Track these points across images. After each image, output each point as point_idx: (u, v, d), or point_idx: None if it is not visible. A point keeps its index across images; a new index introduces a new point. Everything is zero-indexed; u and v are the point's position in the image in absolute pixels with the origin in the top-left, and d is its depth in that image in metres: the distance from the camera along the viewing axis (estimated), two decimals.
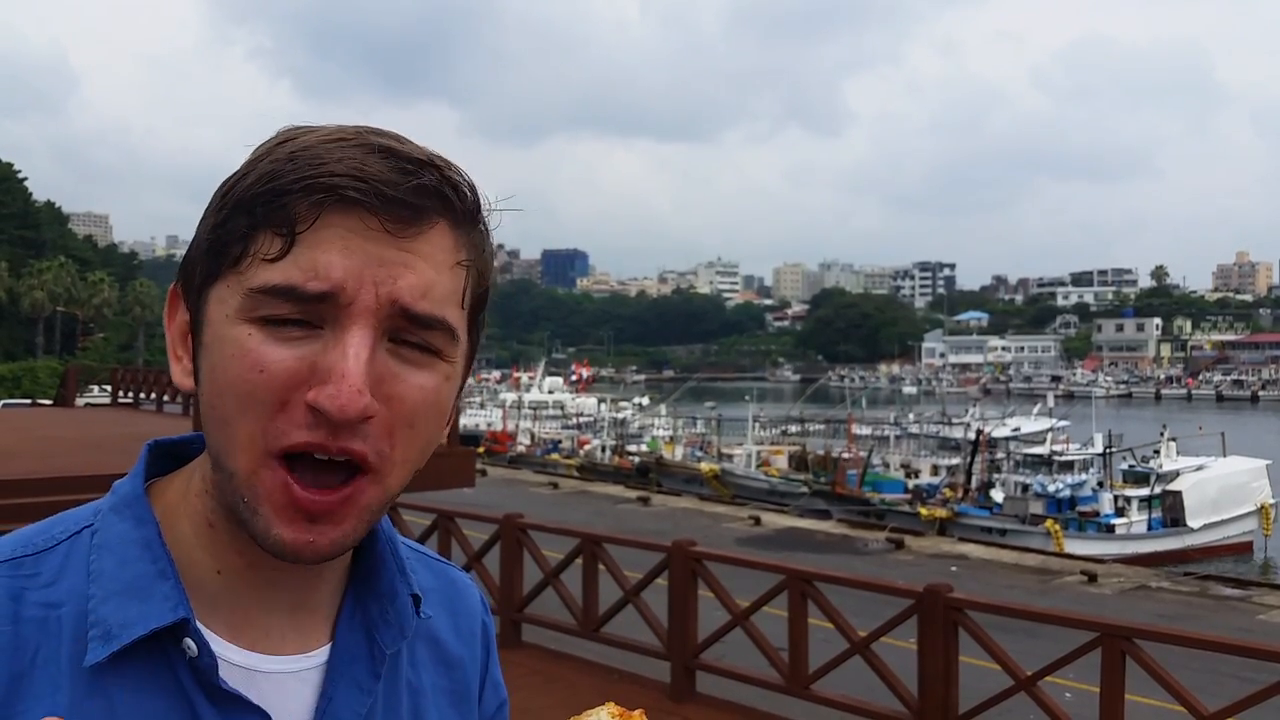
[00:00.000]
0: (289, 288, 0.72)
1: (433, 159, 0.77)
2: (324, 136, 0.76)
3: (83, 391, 29.63)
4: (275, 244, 0.73)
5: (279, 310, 0.73)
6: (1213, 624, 14.24)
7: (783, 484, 33.57)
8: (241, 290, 0.74)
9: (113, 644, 0.74)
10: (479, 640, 0.98)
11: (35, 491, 7.85)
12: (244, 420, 0.73)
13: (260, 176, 0.75)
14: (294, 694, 0.81)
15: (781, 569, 7.78)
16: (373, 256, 0.73)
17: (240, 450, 0.74)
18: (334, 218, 0.73)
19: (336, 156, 0.74)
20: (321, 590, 0.85)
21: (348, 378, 0.72)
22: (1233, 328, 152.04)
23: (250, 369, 0.73)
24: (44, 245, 75.36)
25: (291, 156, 0.75)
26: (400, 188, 0.74)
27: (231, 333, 0.74)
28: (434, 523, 10.30)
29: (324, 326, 0.73)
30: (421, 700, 0.90)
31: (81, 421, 16.57)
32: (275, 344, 0.73)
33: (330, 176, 0.73)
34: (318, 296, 0.72)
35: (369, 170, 0.73)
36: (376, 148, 0.75)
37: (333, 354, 0.72)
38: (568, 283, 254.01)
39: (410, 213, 0.75)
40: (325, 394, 0.71)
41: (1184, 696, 5.61)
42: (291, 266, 0.73)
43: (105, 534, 0.79)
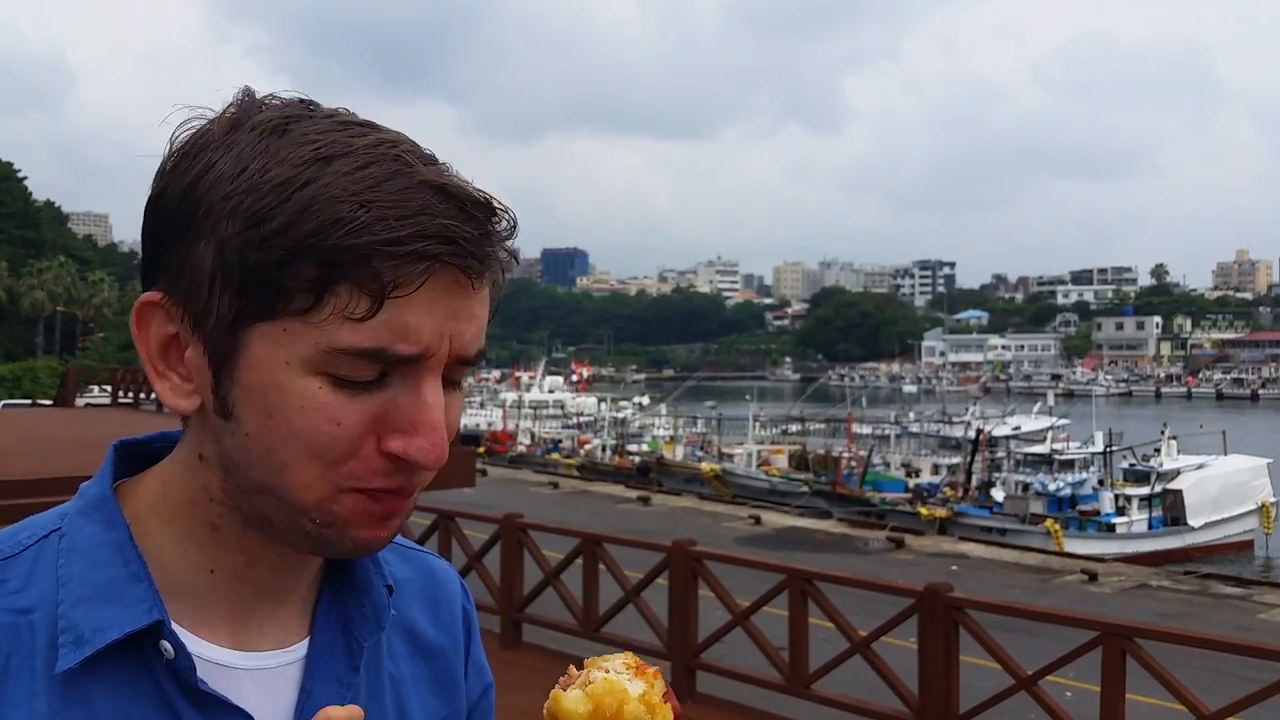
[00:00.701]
0: (378, 350, 0.71)
1: (489, 200, 0.75)
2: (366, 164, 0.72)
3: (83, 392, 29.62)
4: (362, 304, 0.70)
5: (359, 371, 0.72)
6: (1213, 623, 14.24)
7: (783, 483, 33.57)
8: (315, 345, 0.71)
9: (85, 649, 0.73)
10: (460, 626, 0.98)
11: (35, 492, 7.84)
12: (311, 466, 0.73)
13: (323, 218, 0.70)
14: (275, 690, 0.81)
15: (782, 568, 7.78)
16: (450, 312, 0.74)
17: (307, 490, 0.74)
18: (420, 275, 0.71)
19: (414, 207, 0.71)
20: (303, 581, 0.85)
21: (439, 431, 0.74)
22: (1233, 326, 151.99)
23: (324, 422, 0.72)
24: (44, 245, 75.43)
25: (355, 199, 0.70)
26: (480, 241, 0.73)
27: (296, 384, 0.72)
28: (434, 522, 10.30)
29: (391, 375, 0.73)
30: (403, 691, 0.90)
31: (82, 422, 16.57)
32: (347, 397, 0.72)
33: (425, 239, 0.70)
34: (407, 359, 0.72)
35: (458, 228, 0.72)
36: (438, 188, 0.72)
37: (413, 407, 0.73)
38: (567, 282, 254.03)
39: (485, 267, 0.75)
40: (417, 447, 0.73)
41: (1185, 695, 5.61)
42: (382, 329, 0.71)
43: (73, 537, 0.78)
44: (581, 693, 0.73)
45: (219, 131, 0.75)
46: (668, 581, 8.18)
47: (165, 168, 0.76)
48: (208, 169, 0.74)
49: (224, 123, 0.76)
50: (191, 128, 0.77)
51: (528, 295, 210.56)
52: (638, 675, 0.75)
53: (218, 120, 0.76)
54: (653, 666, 0.76)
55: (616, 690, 0.72)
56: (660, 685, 0.75)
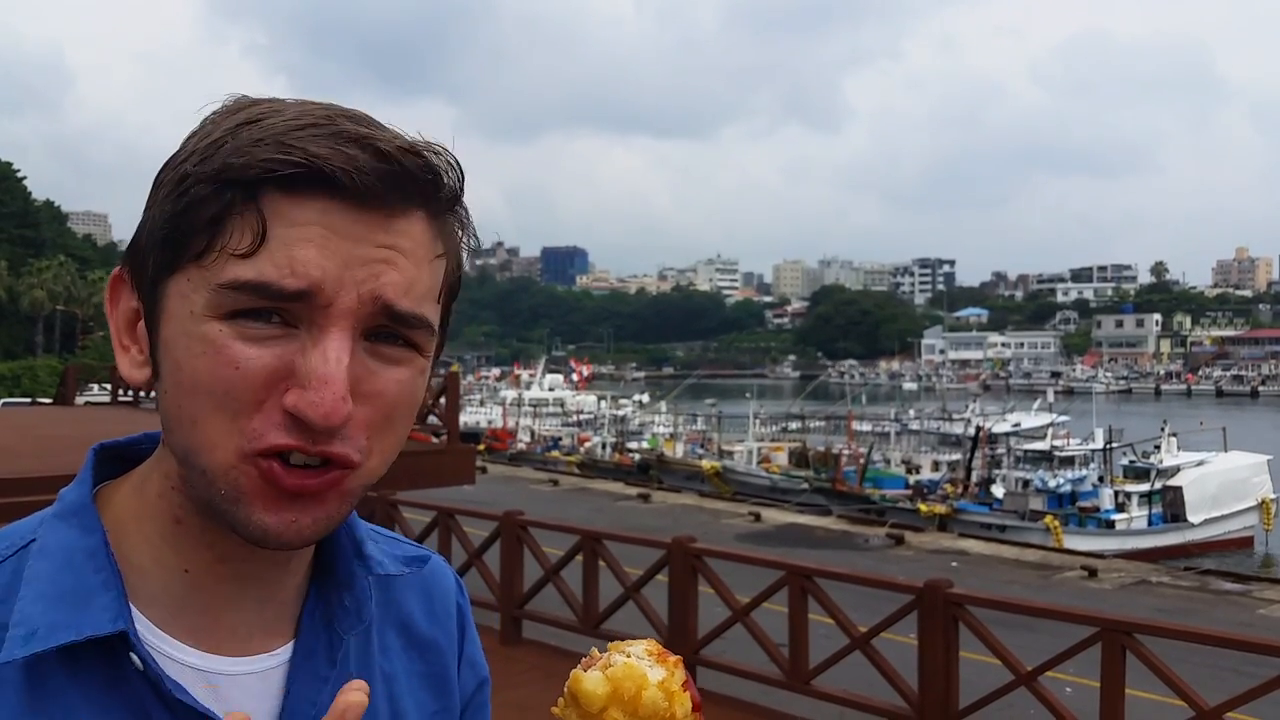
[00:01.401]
0: (263, 284, 0.69)
1: (413, 145, 0.73)
2: (292, 120, 0.71)
3: (82, 390, 29.60)
4: (246, 238, 0.69)
5: (249, 304, 0.70)
6: (1213, 619, 14.25)
7: (784, 480, 33.58)
8: (208, 286, 0.70)
9: (34, 645, 0.71)
10: (454, 621, 0.97)
11: (35, 490, 7.85)
12: (216, 419, 0.70)
13: (224, 161, 0.70)
14: (258, 694, 0.80)
15: (782, 565, 7.79)
16: (353, 255, 0.70)
17: (214, 448, 0.71)
18: (311, 211, 0.70)
19: (312, 145, 0.69)
20: (288, 583, 0.83)
21: (330, 384, 0.69)
22: (1232, 323, 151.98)
23: (223, 366, 0.70)
24: (43, 244, 75.32)
25: (258, 141, 0.70)
26: (382, 177, 0.70)
27: (199, 329, 0.70)
28: (434, 520, 10.32)
29: (299, 325, 0.71)
30: (395, 686, 0.89)
31: (81, 420, 16.57)
32: (249, 342, 0.70)
33: (306, 164, 0.69)
34: (294, 295, 0.69)
35: (348, 158, 0.69)
36: (352, 135, 0.70)
37: (312, 357, 0.70)
38: (567, 280, 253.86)
39: (391, 204, 0.72)
40: (307, 400, 0.69)
41: (1184, 691, 5.62)
42: (265, 262, 0.69)
43: (46, 540, 0.76)
44: (602, 675, 0.72)
45: (197, 127, 0.76)
46: (668, 578, 8.19)
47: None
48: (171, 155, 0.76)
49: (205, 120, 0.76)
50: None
51: (528, 294, 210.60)
52: (659, 662, 0.74)
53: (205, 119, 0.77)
54: (675, 655, 0.76)
55: (636, 675, 0.72)
56: (680, 674, 0.74)
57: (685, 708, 0.74)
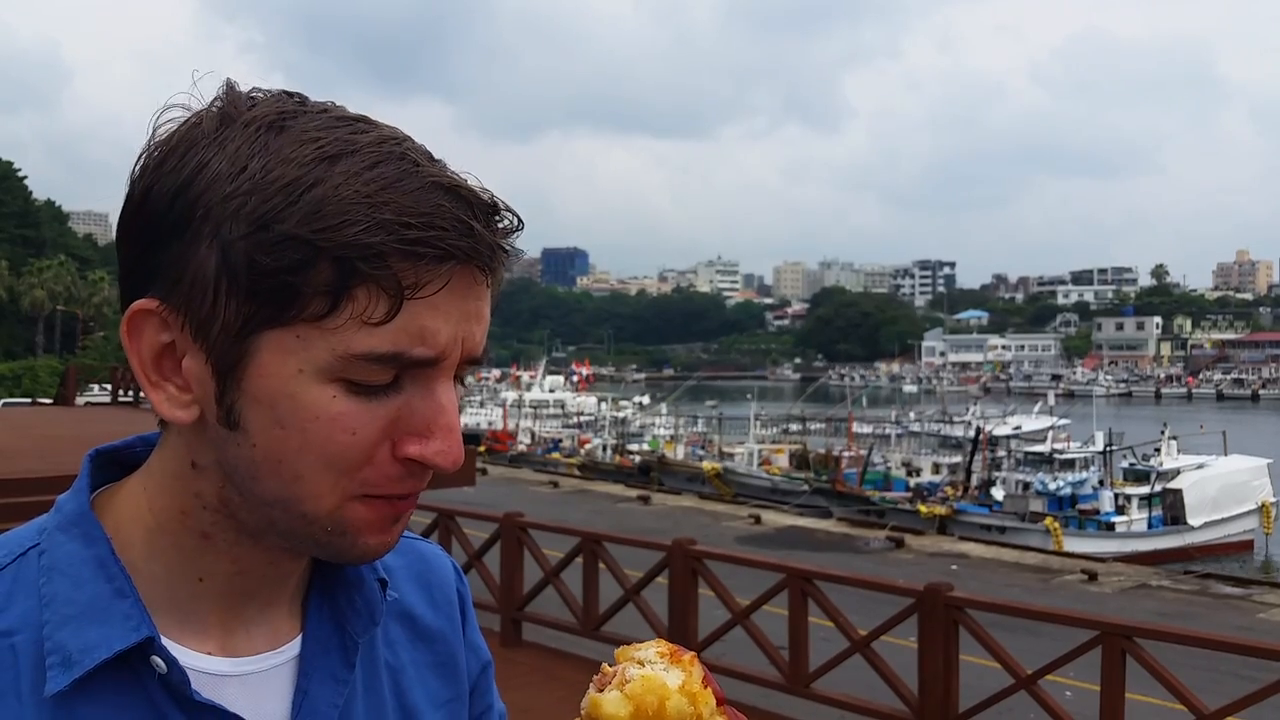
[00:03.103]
0: (397, 355, 0.69)
1: (495, 201, 0.74)
2: (373, 162, 0.69)
3: (83, 390, 29.65)
4: (381, 307, 0.68)
5: (375, 376, 0.70)
6: (1213, 622, 14.24)
7: (784, 482, 33.65)
8: (331, 351, 0.69)
9: (74, 670, 0.71)
10: (455, 608, 0.97)
11: (36, 490, 7.84)
12: (327, 475, 0.72)
13: (337, 218, 0.67)
14: (268, 693, 0.80)
15: (782, 567, 7.78)
16: (464, 314, 0.72)
17: (320, 499, 0.72)
18: (438, 279, 0.70)
19: (429, 205, 0.69)
20: (292, 582, 0.84)
21: (454, 431, 0.73)
22: (1233, 326, 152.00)
23: (340, 432, 0.70)
24: (44, 244, 75.38)
25: (369, 200, 0.68)
26: (494, 246, 0.72)
27: (311, 393, 0.70)
28: (434, 521, 10.31)
29: (404, 378, 0.72)
30: (402, 678, 0.89)
31: (82, 420, 16.57)
32: (362, 405, 0.71)
33: (444, 239, 0.69)
34: (422, 363, 0.71)
35: (474, 227, 0.70)
36: (448, 189, 0.71)
37: (428, 410, 0.73)
38: (567, 281, 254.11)
39: (495, 266, 0.74)
40: (434, 449, 0.73)
41: (1184, 695, 5.61)
42: (399, 332, 0.69)
43: (54, 555, 0.75)
44: (620, 694, 0.69)
45: (208, 127, 0.71)
46: (668, 580, 8.18)
47: (150, 164, 0.72)
48: (201, 167, 0.70)
49: (212, 118, 0.72)
50: (173, 121, 0.73)
51: (528, 295, 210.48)
52: (673, 663, 0.71)
53: (205, 115, 0.72)
54: (689, 653, 0.73)
55: (656, 687, 0.69)
56: (699, 670, 0.72)
57: (710, 705, 0.71)
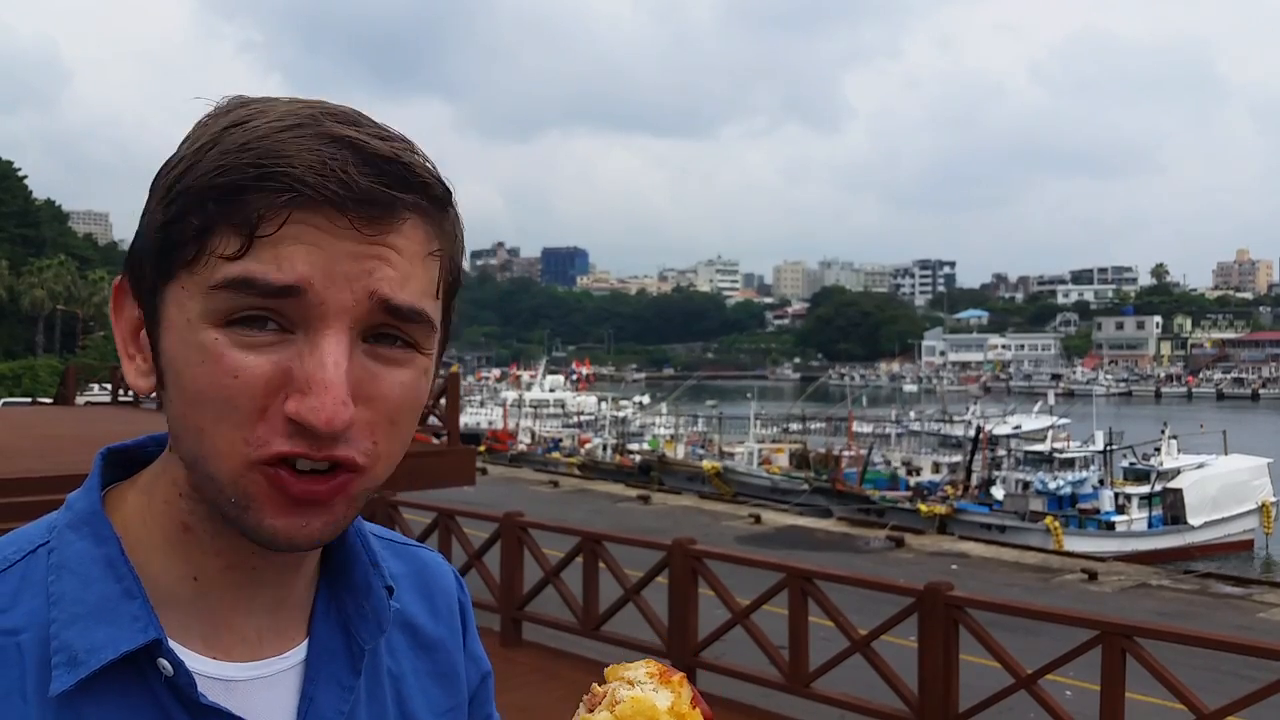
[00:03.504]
0: (248, 278, 0.68)
1: (398, 153, 0.72)
2: (277, 122, 0.71)
3: (83, 390, 29.62)
4: (234, 242, 0.69)
5: (241, 304, 0.69)
6: (1213, 622, 14.25)
7: (784, 481, 33.68)
8: (201, 290, 0.70)
9: (80, 670, 0.71)
10: (456, 617, 0.97)
11: (36, 490, 7.85)
12: (222, 428, 0.70)
13: (212, 168, 0.70)
14: (274, 698, 0.80)
15: (782, 567, 7.78)
16: (344, 252, 0.70)
17: (221, 457, 0.70)
18: (299, 216, 0.69)
19: (296, 148, 0.69)
20: (297, 586, 0.83)
21: (331, 389, 0.68)
22: (1233, 326, 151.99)
23: (222, 374, 0.69)
24: (44, 243, 75.37)
25: (244, 146, 0.70)
26: (369, 186, 0.70)
27: (197, 338, 0.70)
28: (434, 521, 10.32)
29: (296, 331, 0.70)
30: (404, 686, 0.89)
31: (82, 420, 16.57)
32: (246, 350, 0.69)
33: (292, 172, 0.68)
34: (281, 289, 0.69)
35: (335, 167, 0.69)
36: (337, 138, 0.70)
37: (309, 362, 0.69)
38: (567, 281, 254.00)
39: (381, 211, 0.71)
40: (308, 406, 0.68)
41: (1184, 694, 5.61)
42: (252, 261, 0.69)
43: (63, 553, 0.76)
44: (610, 715, 0.70)
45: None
46: (668, 580, 8.18)
47: None
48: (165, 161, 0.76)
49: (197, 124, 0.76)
50: None
51: (528, 294, 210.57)
52: (663, 684, 0.72)
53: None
54: (678, 673, 0.73)
55: (645, 708, 0.70)
56: (687, 691, 0.72)
57: None
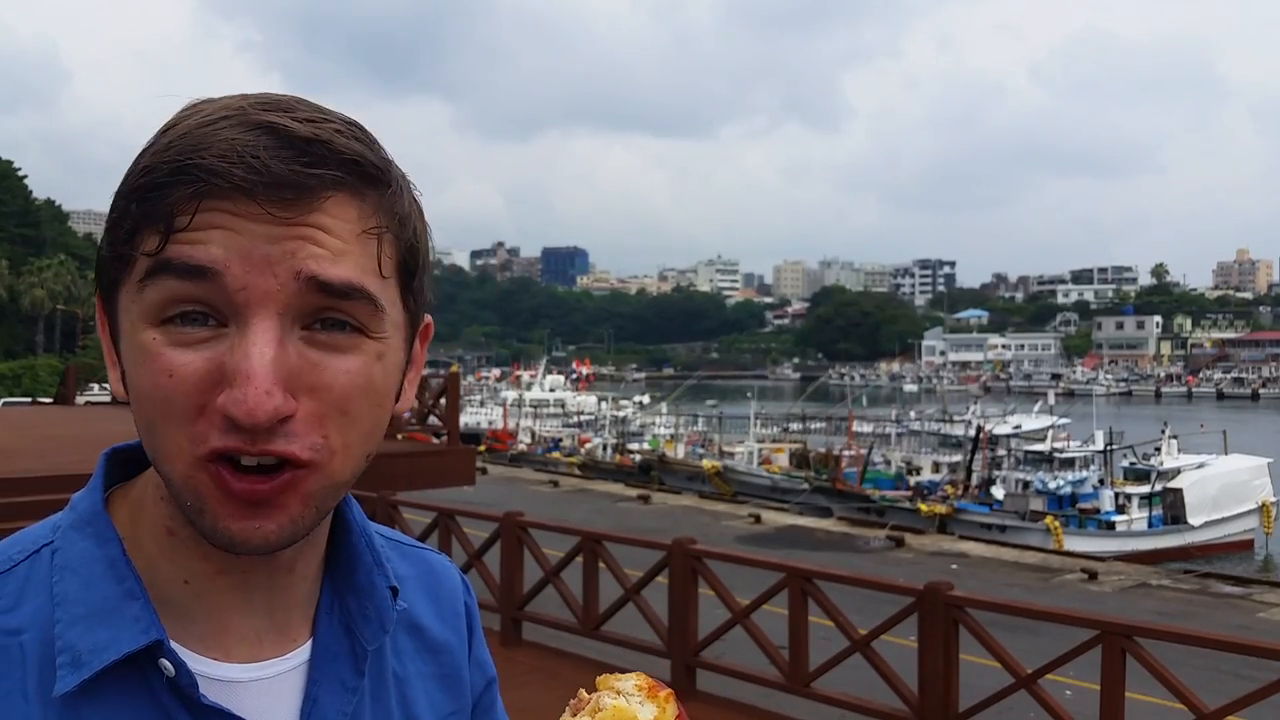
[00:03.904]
0: (164, 261, 0.68)
1: (318, 133, 0.70)
2: (205, 117, 0.71)
3: (83, 390, 29.62)
4: (154, 239, 0.69)
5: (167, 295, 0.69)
6: (1213, 622, 14.25)
7: (785, 481, 33.67)
8: (135, 291, 0.70)
9: (83, 671, 0.71)
10: (463, 621, 0.97)
11: (36, 490, 7.85)
12: (167, 426, 0.70)
13: (138, 170, 0.71)
14: (276, 699, 0.79)
15: (782, 567, 7.78)
16: (263, 235, 0.68)
17: (172, 457, 0.70)
18: (209, 204, 0.68)
19: (213, 140, 0.69)
20: (298, 588, 0.82)
21: (253, 379, 0.67)
22: (1233, 325, 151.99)
23: (159, 374, 0.69)
24: (44, 243, 75.35)
25: (168, 145, 0.70)
26: (280, 169, 0.68)
27: (138, 339, 0.70)
28: (434, 520, 10.31)
29: (229, 324, 0.69)
30: (408, 689, 0.89)
31: (82, 420, 16.58)
32: (180, 347, 0.69)
33: (202, 164, 0.68)
34: (196, 270, 0.68)
35: (245, 153, 0.68)
36: (258, 124, 0.69)
37: (236, 354, 0.68)
38: (567, 280, 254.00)
39: (295, 193, 0.69)
40: (232, 399, 0.67)
41: (1184, 694, 5.61)
42: (169, 251, 0.69)
43: (67, 553, 0.76)
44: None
45: None
46: (668, 580, 8.18)
47: None
48: None
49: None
50: None
51: (528, 294, 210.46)
52: (649, 698, 0.72)
53: None
54: (665, 689, 0.73)
55: (626, 717, 0.70)
56: (672, 708, 0.72)
57: None
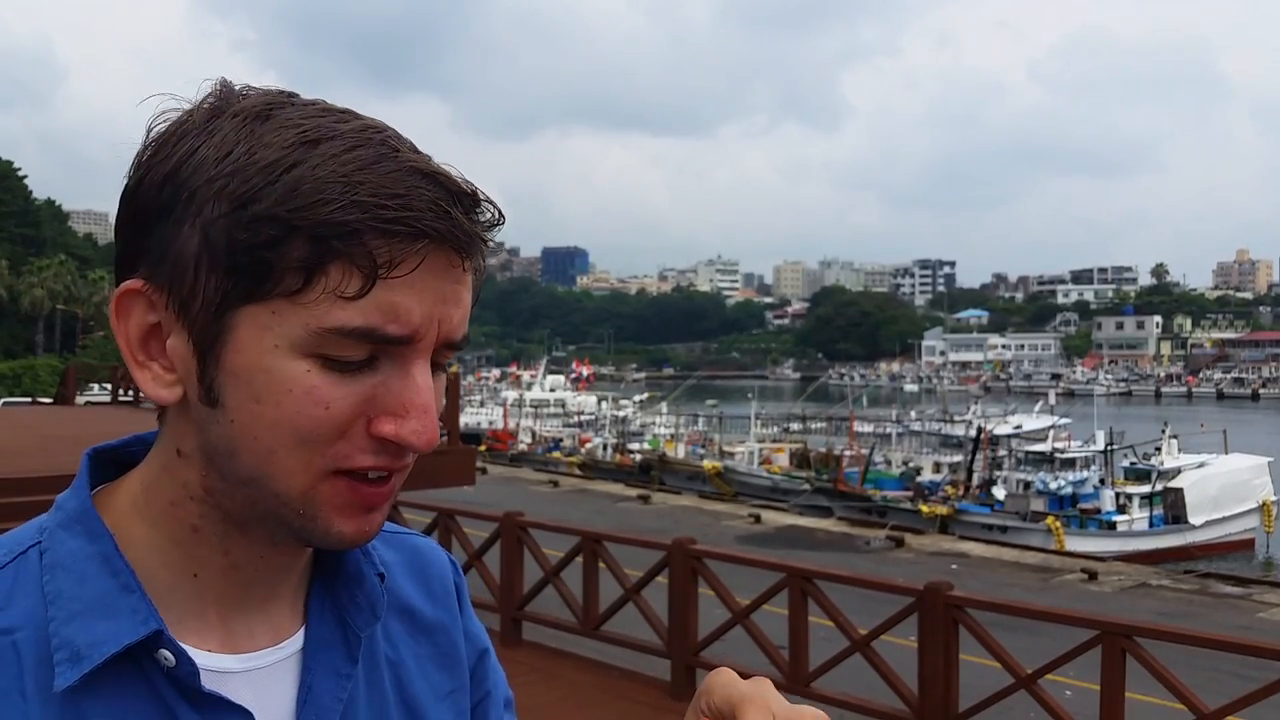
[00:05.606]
0: (369, 331, 0.70)
1: (475, 191, 0.75)
2: (354, 147, 0.71)
3: (83, 390, 29.64)
4: (354, 283, 0.69)
5: (349, 352, 0.71)
6: (1213, 622, 14.26)
7: (785, 481, 33.68)
8: (305, 325, 0.70)
9: (84, 665, 0.72)
10: (453, 598, 0.99)
11: (36, 490, 7.85)
12: (299, 451, 0.72)
13: (313, 198, 0.69)
14: (272, 689, 0.80)
15: (782, 567, 7.78)
16: (439, 295, 0.73)
17: (293, 475, 0.73)
18: (412, 258, 0.71)
19: (404, 188, 0.71)
20: (292, 579, 0.84)
21: (429, 413, 0.74)
22: (1233, 325, 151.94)
23: (313, 405, 0.71)
24: (44, 243, 75.41)
25: (345, 180, 0.70)
26: (470, 228, 0.74)
27: (284, 366, 0.71)
28: (434, 520, 10.32)
29: (380, 358, 0.73)
30: (403, 673, 0.90)
31: (82, 420, 16.57)
32: (337, 380, 0.71)
33: (419, 219, 0.70)
34: (395, 340, 0.72)
35: (446, 207, 0.72)
36: (426, 174, 0.72)
37: (404, 390, 0.73)
38: (567, 280, 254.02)
39: (473, 251, 0.75)
40: (409, 429, 0.73)
41: (1184, 694, 5.61)
42: (371, 308, 0.70)
43: (57, 552, 0.76)
44: None
45: (199, 119, 0.74)
46: (668, 580, 8.18)
47: (143, 156, 0.75)
48: (190, 154, 0.72)
49: (204, 111, 0.75)
50: (169, 118, 0.75)
51: (528, 294, 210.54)
52: None
53: (196, 109, 0.75)
54: None
55: None
56: None
57: None
